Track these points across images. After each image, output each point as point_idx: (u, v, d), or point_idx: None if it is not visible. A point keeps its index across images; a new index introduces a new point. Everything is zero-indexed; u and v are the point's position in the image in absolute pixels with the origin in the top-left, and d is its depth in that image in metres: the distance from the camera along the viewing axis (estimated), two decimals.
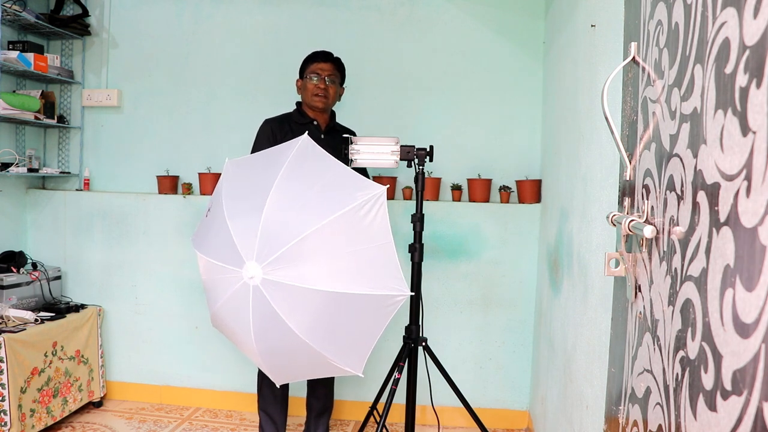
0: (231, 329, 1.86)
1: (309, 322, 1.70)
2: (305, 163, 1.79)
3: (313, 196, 1.73)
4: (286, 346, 1.74)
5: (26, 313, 2.59)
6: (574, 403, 1.74)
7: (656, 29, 0.94)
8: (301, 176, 1.76)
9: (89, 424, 2.77)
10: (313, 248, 1.66)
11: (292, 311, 1.67)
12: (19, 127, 3.02)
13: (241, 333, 1.80)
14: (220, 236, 1.76)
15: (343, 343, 1.79)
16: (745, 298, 0.60)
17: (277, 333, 1.71)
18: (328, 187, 1.76)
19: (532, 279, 2.78)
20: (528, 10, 2.81)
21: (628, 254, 1.03)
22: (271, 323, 1.69)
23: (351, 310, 1.73)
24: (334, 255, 1.70)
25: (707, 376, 0.68)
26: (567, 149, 2.05)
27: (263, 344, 1.76)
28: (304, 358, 1.79)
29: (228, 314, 1.80)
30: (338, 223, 1.66)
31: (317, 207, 1.70)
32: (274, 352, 1.80)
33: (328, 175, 1.79)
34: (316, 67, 2.33)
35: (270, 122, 2.37)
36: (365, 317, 1.75)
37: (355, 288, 1.69)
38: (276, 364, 1.87)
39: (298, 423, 2.82)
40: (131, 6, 3.07)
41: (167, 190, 2.98)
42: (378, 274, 1.73)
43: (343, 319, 1.75)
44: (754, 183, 0.59)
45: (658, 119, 0.91)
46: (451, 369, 2.36)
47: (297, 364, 1.87)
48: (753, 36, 0.60)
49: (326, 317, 1.72)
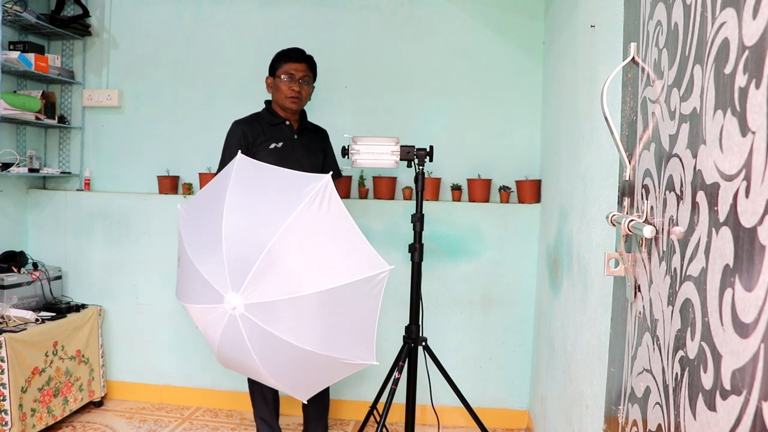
0: (237, 362, 1.85)
1: (304, 330, 1.70)
2: (246, 180, 1.78)
3: (264, 208, 1.73)
4: (292, 360, 1.74)
5: (27, 312, 2.59)
6: (573, 403, 1.74)
7: (656, 29, 0.94)
8: (247, 193, 1.76)
9: (90, 423, 2.77)
10: (281, 256, 1.64)
11: (283, 325, 1.67)
12: (19, 127, 3.02)
13: (247, 362, 1.79)
14: (194, 280, 1.77)
15: (346, 339, 1.78)
16: (744, 298, 0.60)
17: (278, 351, 1.71)
18: (275, 193, 1.75)
19: (532, 279, 2.78)
20: (528, 10, 2.81)
21: (628, 254, 1.03)
22: (269, 344, 1.70)
23: (340, 304, 1.71)
24: (303, 255, 1.68)
25: (706, 376, 0.68)
26: (567, 149, 2.05)
27: (271, 366, 1.76)
28: (315, 366, 1.79)
29: (229, 349, 1.80)
30: (296, 224, 1.64)
31: (271, 216, 1.68)
32: (284, 370, 1.80)
33: (272, 183, 1.79)
34: (289, 67, 2.28)
35: (240, 123, 2.32)
36: (356, 306, 1.74)
37: (335, 281, 1.66)
38: (293, 380, 1.87)
39: (297, 423, 2.82)
40: (132, 6, 3.07)
41: (168, 190, 2.99)
42: (352, 259, 1.71)
43: (336, 315, 1.74)
44: (753, 183, 0.59)
45: (658, 119, 0.91)
46: (451, 369, 2.36)
47: (312, 374, 1.87)
48: (752, 36, 0.60)
49: (319, 319, 1.72)
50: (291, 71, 2.28)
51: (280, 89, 2.28)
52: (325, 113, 2.84)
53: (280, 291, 1.64)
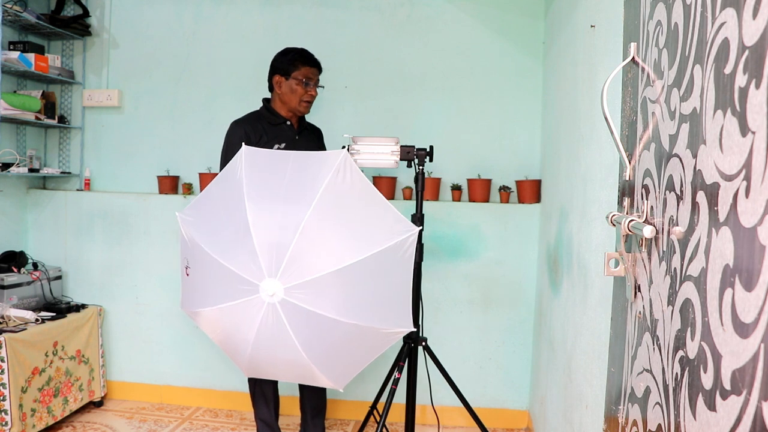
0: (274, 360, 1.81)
1: (346, 304, 1.68)
2: (260, 168, 1.76)
3: (288, 190, 1.71)
4: (336, 339, 1.73)
5: (27, 312, 2.59)
6: (573, 403, 1.74)
7: (656, 29, 0.94)
8: (265, 180, 1.74)
9: (90, 423, 2.77)
10: (317, 233, 1.63)
11: (326, 302, 1.65)
12: (20, 127, 3.02)
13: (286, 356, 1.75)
14: (220, 279, 1.71)
15: (385, 307, 1.78)
16: (744, 298, 0.60)
17: (322, 331, 1.69)
18: (294, 175, 1.74)
19: (532, 279, 2.78)
20: (528, 10, 2.81)
21: (628, 254, 1.03)
22: (313, 325, 1.68)
23: (377, 272, 1.72)
24: (337, 229, 1.68)
25: (706, 376, 0.68)
26: (567, 149, 2.05)
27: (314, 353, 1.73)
28: (358, 342, 1.78)
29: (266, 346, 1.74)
30: (325, 199, 1.65)
31: (297, 196, 1.67)
32: (328, 353, 1.78)
33: (288, 165, 1.77)
34: (308, 71, 2.25)
35: (242, 124, 2.27)
36: (392, 272, 1.74)
37: (371, 249, 1.66)
38: (335, 364, 1.84)
39: (297, 423, 2.82)
40: (132, 6, 3.07)
41: (168, 190, 2.99)
42: (382, 226, 1.72)
43: (374, 284, 1.74)
44: (753, 183, 0.59)
45: (658, 119, 0.91)
46: (451, 369, 2.36)
47: (354, 353, 1.84)
48: (752, 36, 0.60)
49: (359, 290, 1.71)
50: (310, 75, 2.25)
51: (296, 92, 2.24)
52: (325, 113, 2.85)
53: (320, 267, 1.62)
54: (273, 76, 2.29)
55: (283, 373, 1.94)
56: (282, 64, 2.27)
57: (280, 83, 2.27)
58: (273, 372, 1.94)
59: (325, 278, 1.63)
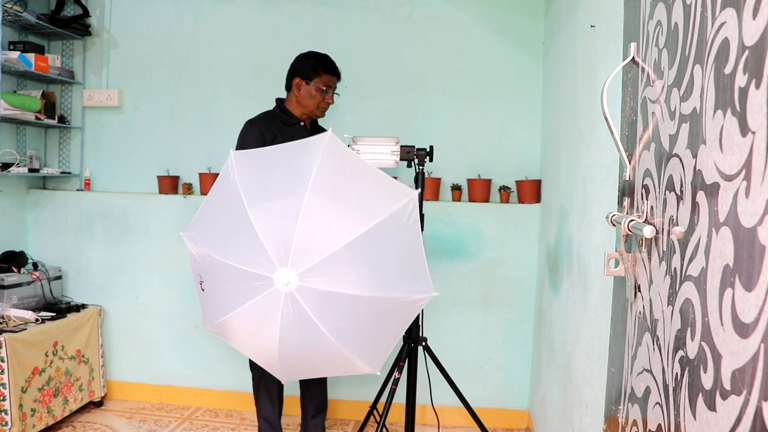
0: (306, 353, 1.78)
1: (363, 277, 1.65)
2: (251, 167, 1.75)
3: (281, 181, 1.70)
4: (362, 316, 1.70)
5: (27, 312, 2.59)
6: (573, 403, 1.74)
7: (656, 29, 0.94)
8: (257, 178, 1.72)
9: (90, 423, 2.77)
10: (317, 214, 1.62)
11: (343, 279, 1.63)
12: (20, 127, 3.02)
13: (318, 345, 1.72)
14: (235, 282, 1.69)
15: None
16: (744, 298, 0.60)
17: (346, 310, 1.67)
18: (285, 166, 1.73)
19: (532, 279, 2.78)
20: (528, 10, 2.81)
21: (628, 254, 1.03)
22: (335, 306, 1.65)
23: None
24: (337, 206, 1.66)
25: (706, 376, 0.68)
26: (567, 149, 2.05)
27: (343, 335, 1.69)
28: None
29: (294, 339, 1.71)
30: (319, 180, 1.63)
31: (291, 184, 1.66)
32: (356, 333, 1.74)
33: (277, 158, 1.76)
34: (329, 79, 2.27)
35: (256, 123, 2.27)
36: (399, 238, 1.72)
37: (375, 217, 1.64)
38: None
39: (296, 423, 2.82)
40: (132, 6, 3.07)
41: (168, 190, 2.99)
42: (381, 195, 1.71)
43: (385, 253, 1.71)
44: (753, 183, 0.59)
45: (658, 119, 0.91)
46: (451, 369, 2.36)
47: (315, 365, 1.84)
48: (752, 36, 0.60)
49: (372, 261, 1.68)
50: (330, 84, 2.27)
51: (314, 97, 2.25)
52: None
53: (328, 246, 1.60)
54: (293, 77, 2.29)
55: (319, 368, 1.90)
56: (304, 68, 2.27)
57: (299, 86, 2.27)
58: (308, 368, 1.89)
59: (335, 256, 1.60)
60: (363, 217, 1.65)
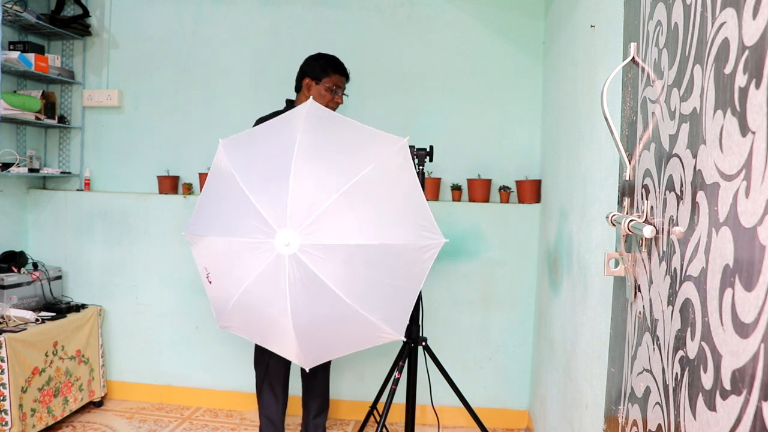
0: (257, 315, 1.71)
1: (352, 283, 1.61)
2: (319, 125, 1.72)
3: (339, 155, 1.68)
4: (329, 315, 1.64)
5: (27, 312, 2.59)
6: (573, 403, 1.74)
7: (656, 29, 0.94)
8: (320, 139, 1.70)
9: (90, 423, 2.77)
10: (351, 204, 1.59)
11: (333, 274, 1.58)
12: (20, 127, 3.02)
13: (271, 313, 1.66)
14: (241, 211, 1.64)
15: (387, 303, 1.70)
16: (744, 298, 0.60)
17: (318, 302, 1.61)
18: (350, 145, 1.72)
19: (532, 279, 2.78)
20: (528, 10, 2.81)
21: (628, 254, 1.03)
22: (312, 290, 1.59)
23: (392, 264, 1.66)
24: (371, 208, 1.64)
25: (706, 376, 0.68)
26: (567, 149, 2.05)
27: (301, 320, 1.63)
28: (346, 327, 1.69)
29: (256, 295, 1.65)
30: (370, 178, 1.61)
31: (346, 164, 1.64)
32: (313, 326, 1.68)
33: (347, 133, 1.75)
34: (338, 80, 2.30)
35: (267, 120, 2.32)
36: (406, 272, 1.69)
37: (395, 239, 1.62)
38: (310, 342, 1.73)
39: (297, 423, 2.82)
40: (132, 6, 3.07)
41: (168, 190, 2.99)
42: (414, 224, 1.68)
43: (386, 275, 1.67)
44: (753, 183, 0.59)
45: (658, 119, 0.91)
46: (451, 369, 2.36)
47: (336, 337, 1.76)
48: (752, 36, 0.60)
49: (368, 275, 1.64)
50: (339, 84, 2.30)
51: (324, 97, 2.27)
52: None
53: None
54: (303, 78, 2.32)
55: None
56: (314, 68, 2.30)
57: (309, 86, 2.30)
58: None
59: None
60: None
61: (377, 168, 1.63)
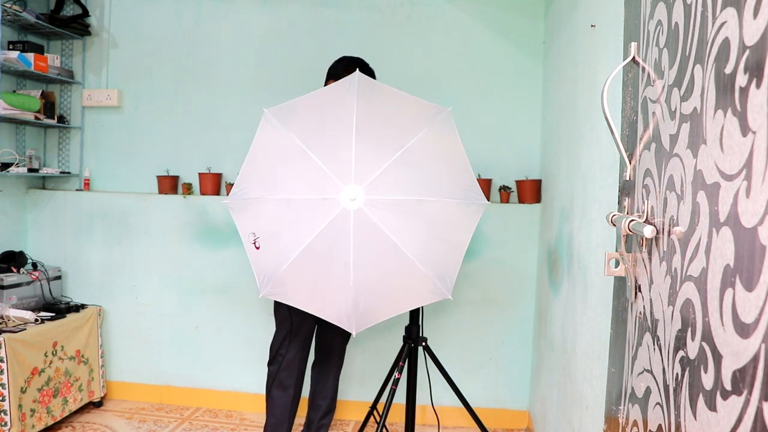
0: (316, 274, 1.73)
1: (412, 237, 1.69)
2: (371, 94, 1.82)
3: (393, 120, 1.79)
4: (388, 268, 1.71)
5: (26, 313, 2.59)
6: (574, 403, 1.74)
7: (656, 29, 0.94)
8: (374, 107, 1.78)
9: (89, 423, 2.77)
10: (408, 164, 1.68)
11: (396, 227, 1.66)
12: (19, 127, 3.02)
13: (332, 273, 1.69)
14: (299, 171, 1.70)
15: (440, 259, 1.79)
16: (744, 298, 0.60)
17: (381, 255, 1.68)
18: (401, 113, 1.85)
19: (532, 279, 2.78)
20: (528, 10, 2.81)
21: (628, 254, 1.03)
22: (375, 245, 1.66)
23: (445, 220, 1.77)
24: (425, 170, 1.74)
25: (707, 376, 0.68)
26: (567, 149, 2.05)
27: (362, 274, 1.68)
28: (404, 281, 1.76)
29: (318, 253, 1.67)
30: (421, 142, 1.72)
31: (400, 130, 1.74)
32: (373, 280, 1.73)
33: (397, 100, 1.87)
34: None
35: None
36: (456, 228, 1.80)
37: (448, 197, 1.74)
38: (367, 300, 1.74)
39: (298, 423, 2.82)
40: (131, 6, 3.07)
41: (167, 190, 2.99)
42: (462, 186, 1.80)
43: (441, 231, 1.77)
44: (753, 183, 0.59)
45: (658, 119, 0.91)
46: (451, 369, 2.36)
47: (391, 292, 1.80)
48: (753, 36, 0.60)
49: (428, 230, 1.74)
50: None
51: None
52: None
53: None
54: (328, 81, 2.35)
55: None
56: (336, 69, 2.33)
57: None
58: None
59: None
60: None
61: (427, 134, 1.75)
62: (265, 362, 2.37)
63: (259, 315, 2.90)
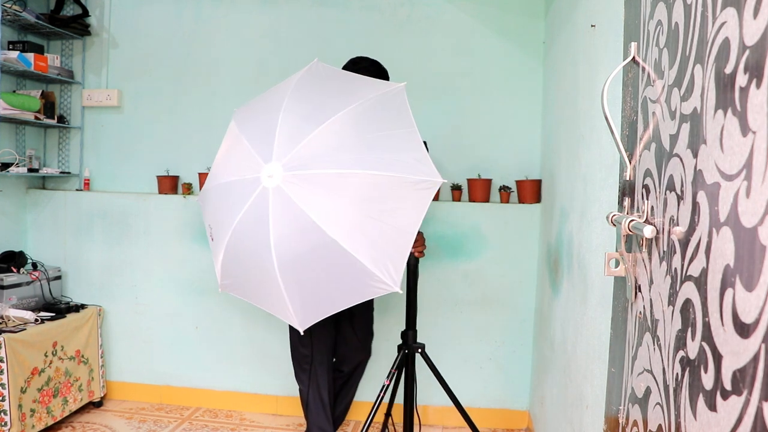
0: (246, 260, 1.64)
1: (336, 216, 1.53)
2: (314, 77, 1.76)
3: (332, 94, 1.68)
4: (311, 250, 1.55)
5: (26, 313, 2.59)
6: (574, 403, 1.74)
7: (656, 29, 0.94)
8: (316, 84, 1.72)
9: (89, 424, 2.77)
10: (337, 135, 1.56)
11: (317, 205, 1.51)
12: (19, 127, 3.02)
13: (257, 258, 1.58)
14: (237, 155, 1.68)
15: (375, 242, 1.56)
16: (745, 298, 0.60)
17: (301, 235, 1.53)
18: (345, 88, 1.73)
19: (532, 279, 2.78)
20: (528, 10, 2.81)
21: (628, 254, 1.03)
22: (295, 225, 1.52)
23: (381, 198, 1.57)
24: (360, 140, 1.59)
25: (707, 376, 0.68)
26: (567, 149, 2.05)
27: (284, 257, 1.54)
28: (333, 269, 1.58)
29: (243, 237, 1.59)
30: (360, 113, 1.59)
31: (337, 100, 1.63)
32: (298, 266, 1.57)
33: (346, 79, 1.78)
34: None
35: None
36: (396, 208, 1.58)
37: (384, 170, 1.54)
38: (301, 292, 1.61)
39: (298, 423, 2.82)
40: (131, 6, 3.07)
41: (167, 190, 2.98)
42: (408, 160, 1.59)
43: (374, 210, 1.56)
44: (753, 183, 0.59)
45: (658, 119, 0.91)
46: (451, 369, 2.36)
47: (324, 283, 1.63)
48: (753, 36, 0.60)
49: (356, 208, 1.56)
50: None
51: None
52: None
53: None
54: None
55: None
56: (351, 71, 2.32)
57: None
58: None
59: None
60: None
61: (367, 103, 1.61)
62: (264, 362, 2.38)
63: (259, 315, 2.90)
